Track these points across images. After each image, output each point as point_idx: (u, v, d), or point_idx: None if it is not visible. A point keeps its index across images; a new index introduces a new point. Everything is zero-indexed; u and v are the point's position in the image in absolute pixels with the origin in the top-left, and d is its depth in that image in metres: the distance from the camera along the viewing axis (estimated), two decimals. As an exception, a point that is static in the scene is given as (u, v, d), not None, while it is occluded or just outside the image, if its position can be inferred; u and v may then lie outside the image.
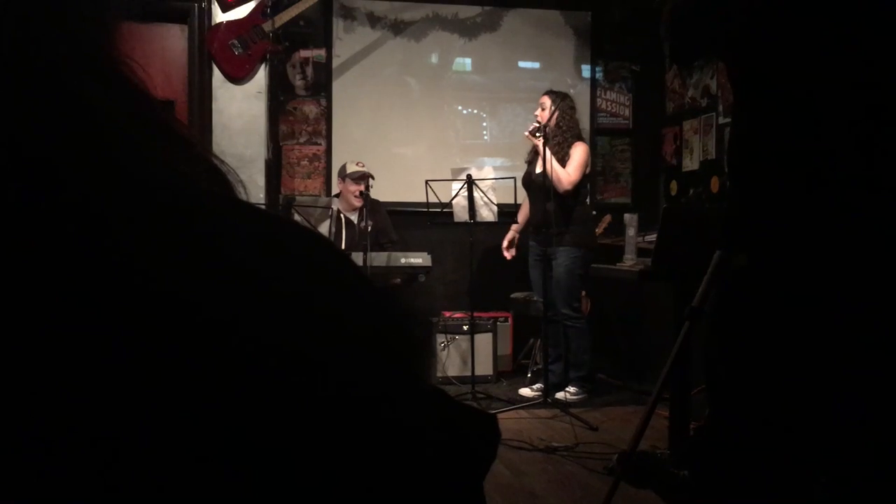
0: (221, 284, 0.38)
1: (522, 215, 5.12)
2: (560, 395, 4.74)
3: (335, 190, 5.68)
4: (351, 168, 5.17)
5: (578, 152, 4.75)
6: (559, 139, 4.77)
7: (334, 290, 0.43)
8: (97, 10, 0.42)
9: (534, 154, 4.86)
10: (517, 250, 5.18)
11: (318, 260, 0.43)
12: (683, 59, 2.44)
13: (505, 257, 5.21)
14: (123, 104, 0.40)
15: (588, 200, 4.98)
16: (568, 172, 4.69)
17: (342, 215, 5.20)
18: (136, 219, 0.37)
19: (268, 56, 5.30)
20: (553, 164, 4.61)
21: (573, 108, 4.92)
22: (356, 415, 0.41)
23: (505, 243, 5.18)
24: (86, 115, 0.38)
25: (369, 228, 4.92)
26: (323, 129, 5.86)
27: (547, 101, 4.80)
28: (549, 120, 4.71)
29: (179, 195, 0.39)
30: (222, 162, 0.47)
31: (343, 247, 5.05)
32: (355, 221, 5.17)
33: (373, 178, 5.15)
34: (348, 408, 0.41)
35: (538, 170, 4.68)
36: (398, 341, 0.45)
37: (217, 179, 0.45)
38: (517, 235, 5.15)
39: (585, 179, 4.85)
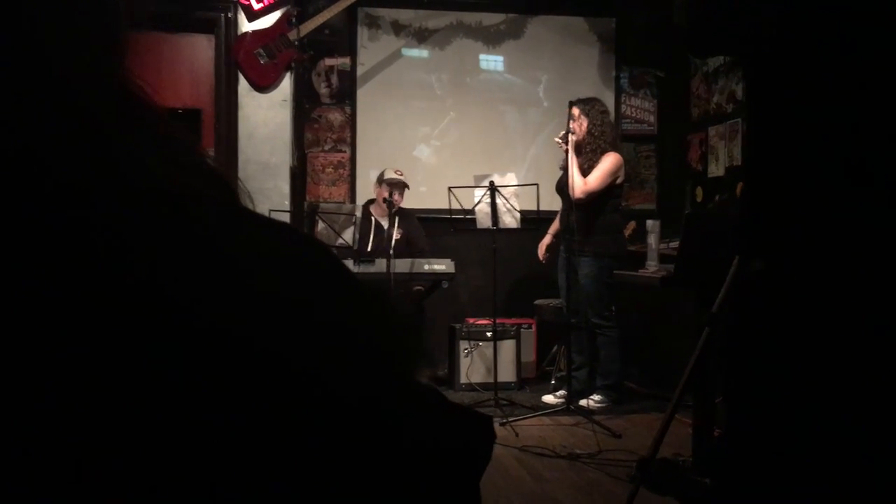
0: (214, 285, 0.39)
1: (558, 221, 5.11)
2: (583, 402, 4.72)
3: (360, 196, 5.73)
4: (388, 174, 5.26)
5: (605, 162, 4.67)
6: (592, 146, 4.71)
7: (327, 292, 0.44)
8: (104, 23, 0.43)
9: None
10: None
11: (312, 263, 0.44)
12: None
13: (532, 261, 5.21)
14: (124, 113, 0.42)
15: (617, 210, 4.91)
16: (585, 181, 4.64)
17: (373, 218, 5.28)
18: (130, 220, 0.38)
19: (293, 64, 5.35)
20: (571, 171, 4.59)
21: (605, 113, 4.85)
22: (350, 414, 0.42)
23: (542, 248, 5.17)
24: (85, 120, 0.39)
25: (398, 236, 4.98)
26: (347, 136, 5.90)
27: (574, 111, 4.76)
28: (570, 126, 4.68)
29: (173, 197, 0.40)
30: (227, 171, 0.48)
31: (369, 250, 5.11)
32: (385, 227, 5.24)
33: (407, 187, 5.28)
34: (343, 407, 0.42)
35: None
36: (391, 342, 0.46)
37: (219, 186, 0.46)
38: (554, 240, 5.13)
39: (616, 189, 4.79)
